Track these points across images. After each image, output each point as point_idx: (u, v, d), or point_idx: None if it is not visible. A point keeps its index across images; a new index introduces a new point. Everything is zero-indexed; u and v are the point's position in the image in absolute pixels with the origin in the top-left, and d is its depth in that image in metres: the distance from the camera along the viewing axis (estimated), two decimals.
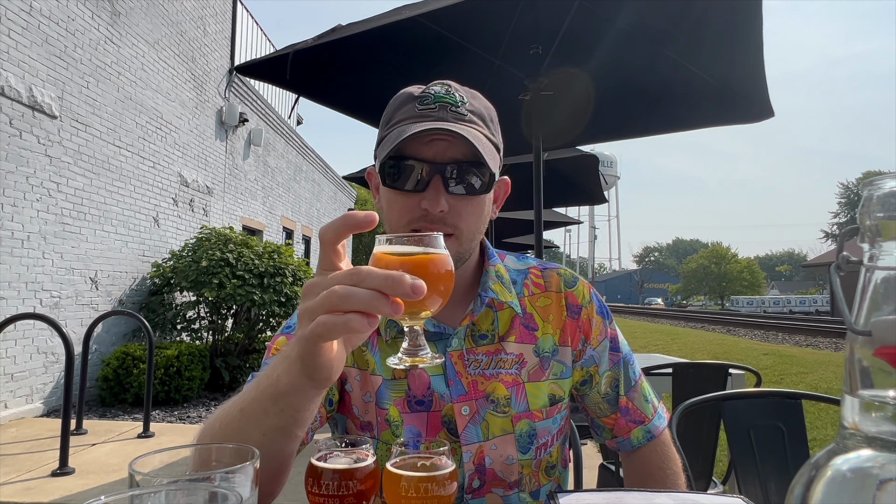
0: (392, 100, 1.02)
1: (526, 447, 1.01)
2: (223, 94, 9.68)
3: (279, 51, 2.96)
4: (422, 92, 0.97)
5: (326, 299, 0.55)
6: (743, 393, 1.68)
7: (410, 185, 0.94)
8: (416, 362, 0.59)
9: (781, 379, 8.06)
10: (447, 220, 0.94)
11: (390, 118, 0.99)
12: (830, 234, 74.95)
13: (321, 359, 0.59)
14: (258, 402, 0.68)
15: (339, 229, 0.58)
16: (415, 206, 0.94)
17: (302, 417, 0.67)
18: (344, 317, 0.54)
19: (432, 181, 0.93)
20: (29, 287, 5.33)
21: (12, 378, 5.16)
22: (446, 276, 0.59)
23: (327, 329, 0.55)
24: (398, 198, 0.96)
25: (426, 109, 0.94)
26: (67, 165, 5.78)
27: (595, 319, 1.10)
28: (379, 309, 0.54)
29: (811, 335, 15.92)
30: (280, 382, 0.64)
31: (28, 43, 5.22)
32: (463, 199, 0.95)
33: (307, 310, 0.57)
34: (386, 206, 0.99)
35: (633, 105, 3.54)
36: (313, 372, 0.60)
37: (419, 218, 0.94)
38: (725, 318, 26.67)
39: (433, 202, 0.92)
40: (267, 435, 0.68)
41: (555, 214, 7.91)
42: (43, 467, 3.82)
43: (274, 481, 0.77)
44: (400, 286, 0.53)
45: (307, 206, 15.42)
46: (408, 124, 0.93)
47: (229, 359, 6.96)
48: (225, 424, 0.73)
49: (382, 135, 0.99)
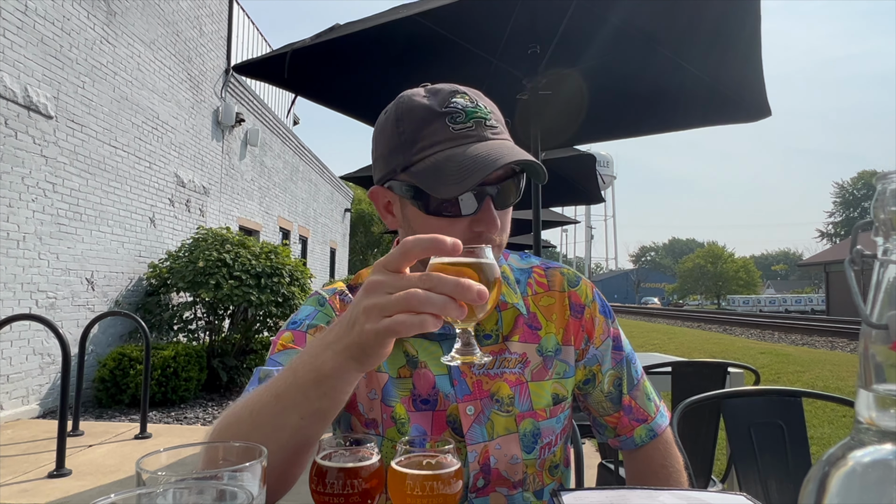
0: (403, 111, 0.93)
1: (530, 446, 1.00)
2: (219, 94, 9.66)
3: (277, 50, 2.95)
4: (446, 107, 0.90)
5: (405, 301, 0.60)
6: (743, 391, 1.68)
7: (461, 211, 0.91)
8: (467, 360, 0.66)
9: (778, 377, 8.10)
10: (495, 237, 0.93)
11: (414, 139, 0.90)
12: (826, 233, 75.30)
13: (384, 349, 0.65)
14: (297, 387, 0.71)
15: (427, 249, 0.63)
16: (464, 229, 0.91)
17: (341, 400, 0.72)
18: (420, 317, 0.60)
19: (484, 204, 0.91)
20: (25, 288, 5.30)
21: (8, 379, 5.13)
22: (496, 283, 0.66)
23: (405, 327, 0.60)
24: (443, 224, 0.92)
25: (464, 129, 0.89)
26: (63, 166, 5.75)
27: (598, 318, 1.09)
28: (450, 312, 0.59)
29: (807, 334, 16.00)
30: (326, 366, 0.68)
31: (23, 43, 5.19)
32: (505, 214, 0.95)
33: (377, 306, 0.62)
34: (423, 229, 0.93)
35: (631, 104, 3.54)
36: (368, 359, 0.66)
37: (471, 240, 0.90)
38: (722, 317, 26.76)
39: (491, 226, 0.90)
40: (305, 419, 0.72)
41: (552, 214, 7.91)
42: (40, 469, 3.80)
43: (297, 467, 0.78)
44: (469, 292, 0.59)
45: (304, 207, 15.40)
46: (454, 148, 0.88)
47: (226, 359, 6.94)
48: (256, 412, 0.75)
49: (411, 159, 0.91)
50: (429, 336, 0.99)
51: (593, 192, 5.89)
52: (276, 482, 0.76)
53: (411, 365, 1.00)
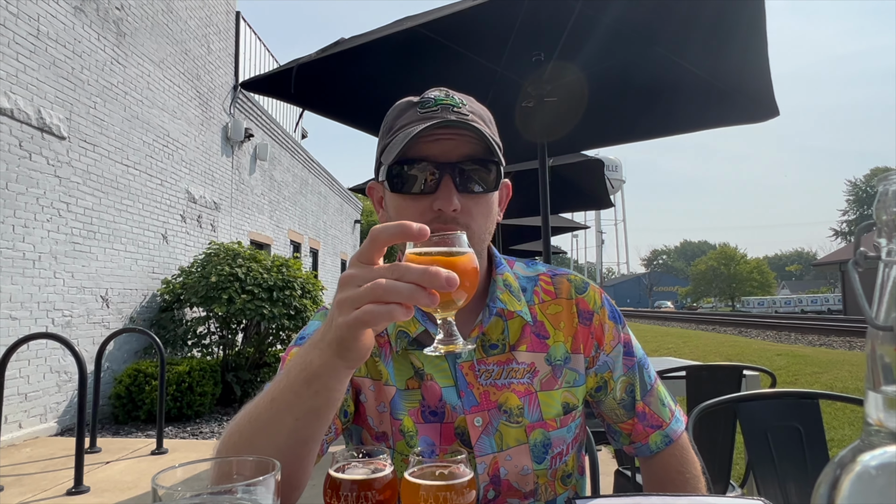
0: (390, 110, 1.02)
1: (541, 457, 0.99)
2: (228, 110, 9.77)
3: (283, 66, 2.99)
4: (420, 98, 0.98)
5: (372, 291, 0.60)
6: (759, 394, 1.66)
7: (420, 188, 0.94)
8: (450, 349, 0.67)
9: (796, 379, 7.99)
10: (459, 219, 0.94)
11: (391, 126, 0.99)
12: (840, 231, 74.41)
13: (360, 342, 0.65)
14: (290, 388, 0.72)
15: (395, 235, 0.63)
16: (426, 209, 0.94)
17: (334, 398, 0.72)
18: (387, 307, 0.60)
19: (443, 181, 0.93)
20: (41, 307, 5.37)
21: (26, 398, 5.19)
22: (472, 271, 0.66)
23: (373, 317, 0.60)
24: (408, 202, 0.95)
25: (428, 112, 0.95)
26: (76, 185, 5.84)
27: (607, 325, 1.08)
28: (418, 300, 0.60)
29: (824, 334, 15.78)
30: (313, 365, 0.69)
31: (36, 66, 5.29)
32: (473, 198, 0.96)
33: (348, 299, 0.63)
34: (395, 213, 0.98)
35: (638, 108, 3.54)
36: (349, 353, 0.66)
37: (432, 220, 0.93)
38: (737, 319, 26.47)
39: (446, 201, 0.92)
40: (300, 419, 0.73)
41: (561, 220, 7.90)
42: (58, 486, 3.83)
43: (301, 471, 0.79)
44: (437, 279, 0.59)
45: (314, 219, 15.48)
46: (412, 126, 0.93)
47: (240, 373, 6.97)
48: (254, 418, 0.77)
49: (385, 143, 0.99)
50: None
51: (602, 197, 5.88)
52: (283, 487, 0.77)
53: (418, 377, 1.00)
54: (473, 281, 0.67)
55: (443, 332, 0.68)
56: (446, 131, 0.93)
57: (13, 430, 5.01)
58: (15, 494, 3.67)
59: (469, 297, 0.66)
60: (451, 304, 0.65)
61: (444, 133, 0.93)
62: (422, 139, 0.91)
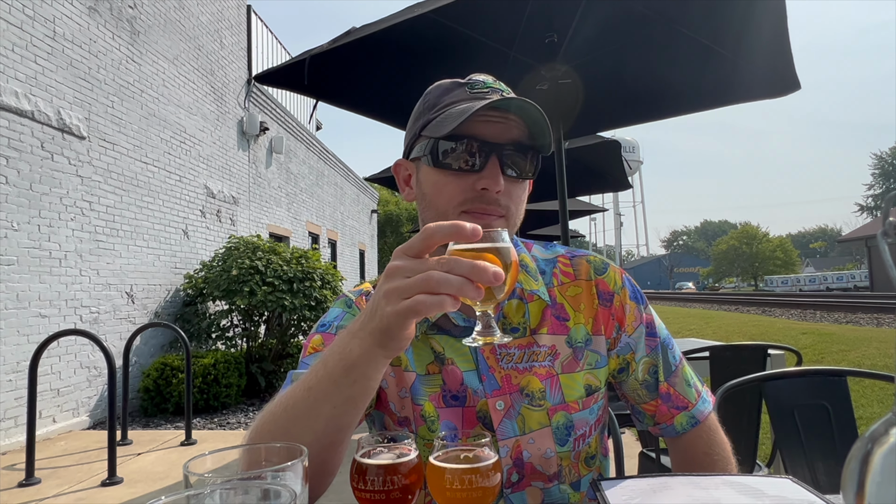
0: (430, 90, 1.02)
1: (564, 439, 0.99)
2: (243, 104, 9.82)
3: (295, 57, 2.99)
4: (468, 80, 0.98)
5: (424, 282, 0.62)
6: (785, 373, 1.64)
7: (467, 165, 0.93)
8: (488, 341, 0.68)
9: (822, 358, 7.87)
10: (501, 201, 0.94)
11: (435, 103, 0.98)
12: (865, 206, 72.72)
13: (405, 331, 0.67)
14: (328, 377, 0.74)
15: (449, 235, 0.65)
16: (469, 187, 0.94)
17: (370, 386, 0.74)
18: (439, 297, 0.62)
19: (490, 161, 0.93)
20: (69, 304, 5.49)
21: (59, 393, 5.32)
22: (513, 266, 0.68)
23: (425, 306, 0.62)
24: (450, 179, 0.95)
25: (479, 93, 0.95)
26: (98, 184, 5.93)
27: (629, 305, 1.07)
28: (467, 293, 0.61)
29: (850, 311, 15.48)
30: (353, 354, 0.71)
31: (54, 67, 5.37)
32: (514, 183, 0.96)
33: (397, 289, 0.64)
34: (433, 188, 0.97)
35: (654, 87, 3.48)
36: (392, 342, 0.68)
37: (474, 199, 0.93)
38: (760, 298, 26.11)
39: (493, 181, 0.92)
40: (338, 407, 0.75)
41: (579, 203, 7.84)
42: (93, 478, 3.94)
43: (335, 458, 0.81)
44: (485, 274, 0.61)
45: (331, 210, 15.56)
46: (466, 104, 0.93)
47: (264, 364, 7.07)
48: (290, 406, 0.78)
49: (428, 118, 0.97)
50: (454, 334, 1.00)
51: (620, 179, 5.81)
52: (316, 474, 0.78)
53: (439, 361, 1.00)
54: (514, 276, 0.69)
55: (481, 323, 0.69)
56: (497, 114, 0.94)
57: (48, 425, 5.16)
58: (52, 486, 3.78)
59: (509, 290, 0.68)
60: (492, 298, 0.67)
61: (495, 116, 0.94)
62: (475, 119, 0.91)
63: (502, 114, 0.94)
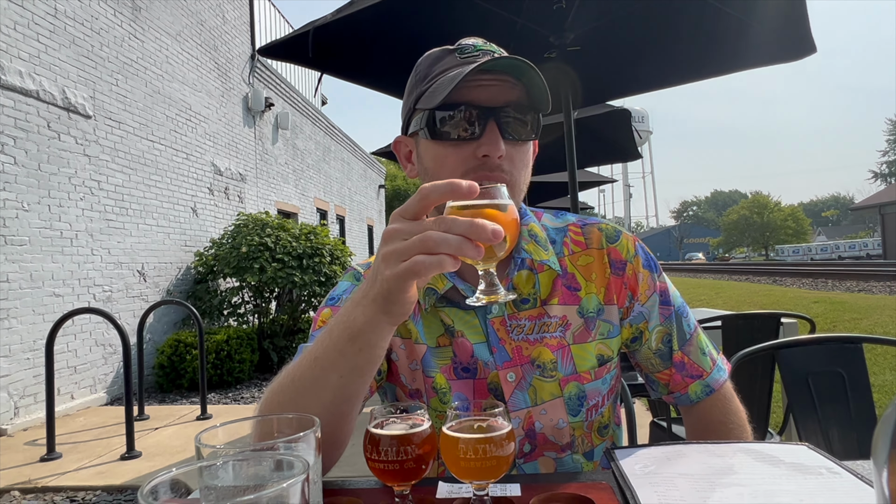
0: (421, 59, 0.99)
1: (576, 410, 0.99)
2: (247, 80, 9.74)
3: (299, 29, 2.94)
4: (457, 45, 0.95)
5: (422, 243, 0.61)
6: (800, 340, 1.62)
7: (465, 133, 0.91)
8: (492, 299, 0.67)
9: (834, 326, 7.83)
10: (504, 166, 0.91)
11: (426, 74, 0.95)
12: (880, 173, 71.64)
13: (406, 295, 0.66)
14: (334, 346, 0.74)
15: (445, 194, 0.63)
16: (469, 156, 0.91)
17: (376, 354, 0.73)
18: (437, 257, 0.61)
19: (488, 126, 0.90)
20: (82, 283, 5.54)
21: (76, 370, 5.42)
22: (513, 223, 0.67)
23: (424, 267, 0.61)
24: (449, 150, 0.92)
25: (469, 57, 0.92)
26: (105, 163, 5.94)
27: (642, 274, 1.04)
28: (466, 252, 0.60)
29: (863, 280, 15.35)
30: (357, 322, 0.70)
31: (57, 45, 5.32)
32: (515, 146, 0.93)
33: (395, 251, 0.63)
34: (434, 162, 0.95)
35: (665, 53, 3.40)
36: (394, 307, 0.67)
37: (477, 167, 0.91)
38: (771, 268, 25.94)
39: (493, 146, 0.89)
40: (344, 377, 0.74)
41: (588, 174, 7.75)
42: (112, 452, 4.02)
43: (345, 427, 0.81)
44: (484, 231, 0.60)
45: (338, 186, 15.53)
46: (455, 70, 0.90)
47: (276, 340, 7.15)
48: (297, 377, 0.78)
49: (421, 90, 0.95)
50: (463, 306, 0.99)
51: (629, 149, 5.72)
52: (327, 444, 0.78)
53: (449, 334, 0.99)
54: (515, 233, 0.68)
55: (484, 282, 0.68)
56: (490, 77, 0.91)
57: (66, 402, 5.26)
58: (73, 461, 3.87)
59: (510, 248, 0.67)
60: (493, 256, 0.66)
61: (488, 79, 0.90)
62: (467, 84, 0.88)
63: (496, 76, 0.91)
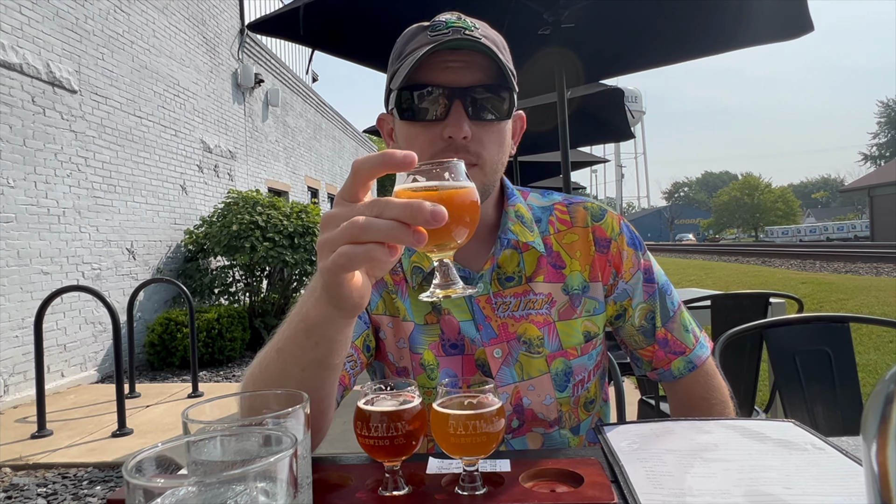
0: (400, 37, 0.98)
1: (563, 385, 1.00)
2: (237, 55, 9.58)
3: (289, 4, 2.88)
4: (431, 22, 0.93)
5: (347, 230, 0.54)
6: (787, 319, 1.64)
7: (430, 115, 0.91)
8: (448, 293, 0.59)
9: (821, 307, 7.93)
10: (471, 147, 0.91)
11: (400, 52, 0.95)
12: (870, 155, 71.96)
13: (345, 288, 0.59)
14: (293, 339, 0.70)
15: (376, 166, 0.56)
16: (436, 137, 0.91)
17: (336, 348, 0.69)
18: (364, 247, 0.54)
19: (453, 107, 0.89)
20: (70, 261, 5.49)
21: (65, 348, 5.39)
22: (471, 206, 0.58)
23: (349, 259, 0.54)
24: (418, 130, 0.92)
25: (439, 35, 0.90)
26: (92, 139, 5.84)
27: (626, 252, 1.06)
28: (400, 238, 0.53)
29: (850, 261, 15.54)
30: (310, 315, 0.66)
31: (40, 17, 5.19)
32: (485, 126, 0.92)
33: (327, 241, 0.57)
34: (405, 142, 0.95)
35: (660, 31, 3.36)
36: (339, 302, 0.60)
37: (443, 149, 0.90)
38: (760, 249, 26.16)
39: (456, 128, 0.89)
40: (306, 370, 0.71)
41: (580, 154, 7.74)
42: (104, 429, 4.03)
43: (319, 417, 0.79)
44: (420, 214, 0.52)
45: (330, 164, 15.41)
46: (422, 50, 0.88)
47: (267, 319, 7.15)
48: (264, 367, 0.77)
49: (394, 69, 0.95)
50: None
51: (622, 129, 5.71)
52: None
53: (436, 312, 1.00)
54: (473, 216, 0.59)
55: (439, 275, 0.60)
56: (457, 57, 0.89)
57: (56, 379, 5.24)
58: (64, 438, 3.87)
59: (469, 234, 0.59)
60: (447, 244, 0.58)
61: (455, 59, 0.89)
62: (433, 64, 0.87)
63: (463, 55, 0.90)
